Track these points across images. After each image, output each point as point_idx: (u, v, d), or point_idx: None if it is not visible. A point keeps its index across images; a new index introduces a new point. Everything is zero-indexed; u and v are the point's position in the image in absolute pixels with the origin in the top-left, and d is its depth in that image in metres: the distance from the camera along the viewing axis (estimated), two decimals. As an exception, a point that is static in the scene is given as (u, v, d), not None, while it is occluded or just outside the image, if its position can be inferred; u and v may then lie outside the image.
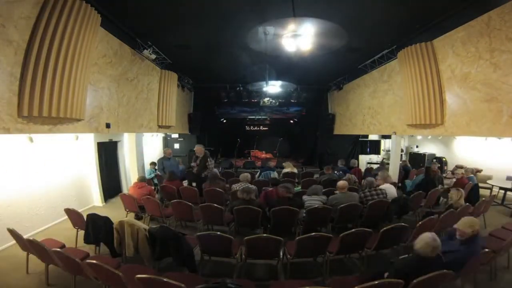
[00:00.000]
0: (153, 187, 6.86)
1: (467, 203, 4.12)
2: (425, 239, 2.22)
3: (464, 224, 2.62)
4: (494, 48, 3.45)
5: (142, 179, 5.16)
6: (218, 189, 4.91)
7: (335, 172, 6.82)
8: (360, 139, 10.36)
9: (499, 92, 3.44)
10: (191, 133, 9.58)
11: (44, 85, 2.91)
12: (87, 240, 3.57)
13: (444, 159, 9.68)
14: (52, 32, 2.96)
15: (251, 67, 6.63)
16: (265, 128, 14.30)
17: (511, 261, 3.40)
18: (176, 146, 10.10)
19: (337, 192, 4.35)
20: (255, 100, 9.75)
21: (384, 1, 3.68)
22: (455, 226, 2.71)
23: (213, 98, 9.81)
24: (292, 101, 9.83)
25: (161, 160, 6.96)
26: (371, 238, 3.17)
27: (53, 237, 3.51)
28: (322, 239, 2.97)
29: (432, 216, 3.57)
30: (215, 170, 5.83)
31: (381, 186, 4.58)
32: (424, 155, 10.02)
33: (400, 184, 6.81)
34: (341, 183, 4.37)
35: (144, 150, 6.96)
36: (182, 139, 10.16)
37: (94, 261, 2.38)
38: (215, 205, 3.97)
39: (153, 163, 7.02)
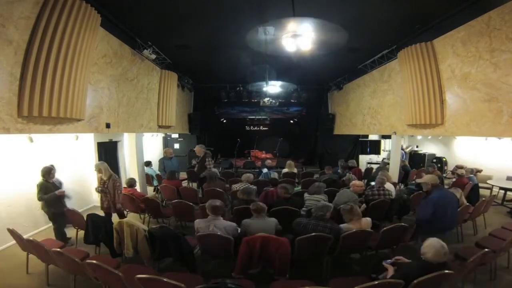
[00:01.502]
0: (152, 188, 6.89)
1: (467, 203, 4.13)
2: (435, 246, 2.19)
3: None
4: (494, 48, 3.45)
5: (130, 184, 4.97)
6: (218, 189, 4.90)
7: (337, 171, 6.82)
8: (360, 139, 10.35)
9: (499, 92, 3.44)
10: (191, 133, 9.57)
11: (44, 85, 2.91)
12: (87, 240, 3.58)
13: (444, 159, 9.68)
14: (52, 32, 2.96)
15: (251, 67, 6.62)
16: (265, 128, 14.25)
17: (511, 261, 3.41)
18: (176, 146, 10.09)
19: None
20: (255, 100, 9.72)
21: (384, 1, 3.68)
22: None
23: (213, 98, 9.79)
24: (292, 101, 9.80)
25: (162, 160, 6.97)
26: (371, 238, 3.17)
27: (53, 237, 3.52)
28: (322, 239, 2.97)
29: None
30: (215, 170, 5.83)
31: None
32: (424, 155, 10.01)
33: (401, 185, 6.80)
34: (357, 182, 4.42)
35: (144, 150, 6.96)
36: (182, 139, 10.15)
37: (94, 261, 2.38)
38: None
39: (147, 163, 7.00)
